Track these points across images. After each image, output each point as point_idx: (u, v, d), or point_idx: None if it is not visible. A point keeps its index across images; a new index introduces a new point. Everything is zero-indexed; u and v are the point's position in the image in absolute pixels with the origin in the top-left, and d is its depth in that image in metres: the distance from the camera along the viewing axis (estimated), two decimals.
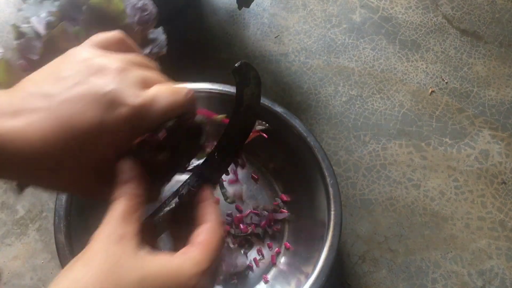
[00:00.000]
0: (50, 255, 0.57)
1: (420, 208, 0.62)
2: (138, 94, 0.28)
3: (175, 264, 0.27)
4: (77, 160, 0.28)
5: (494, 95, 0.71)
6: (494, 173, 0.65)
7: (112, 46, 0.31)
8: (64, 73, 0.28)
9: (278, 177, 0.61)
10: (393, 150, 0.66)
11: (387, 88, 0.71)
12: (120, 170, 0.28)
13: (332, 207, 0.52)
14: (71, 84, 0.27)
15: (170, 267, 0.26)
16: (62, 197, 0.51)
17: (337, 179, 0.54)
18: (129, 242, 0.26)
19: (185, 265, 0.27)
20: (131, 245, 0.26)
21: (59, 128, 0.26)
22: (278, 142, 0.59)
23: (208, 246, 0.28)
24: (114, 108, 0.27)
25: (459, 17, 0.78)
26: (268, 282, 0.55)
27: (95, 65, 0.28)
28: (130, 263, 0.25)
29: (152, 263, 0.26)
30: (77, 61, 0.29)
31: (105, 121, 0.27)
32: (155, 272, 0.25)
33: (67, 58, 0.29)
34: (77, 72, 0.28)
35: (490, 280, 0.59)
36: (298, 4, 0.78)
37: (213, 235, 0.29)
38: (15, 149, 0.26)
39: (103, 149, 0.28)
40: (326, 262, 0.49)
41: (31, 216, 0.60)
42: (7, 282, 0.56)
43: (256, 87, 0.34)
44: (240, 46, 0.73)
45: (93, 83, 0.27)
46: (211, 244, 0.29)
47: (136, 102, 0.28)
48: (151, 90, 0.29)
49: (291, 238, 0.58)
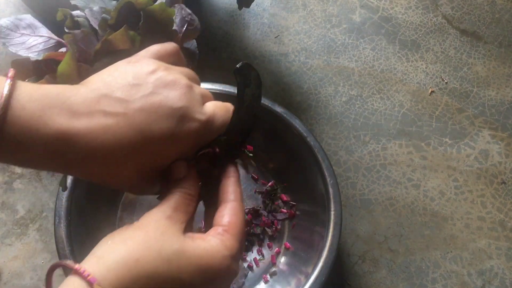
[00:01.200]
0: (50, 255, 0.57)
1: (420, 208, 0.63)
2: (203, 111, 0.31)
3: (209, 246, 0.29)
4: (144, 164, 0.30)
5: (494, 95, 0.71)
6: (494, 173, 0.65)
7: (168, 57, 0.34)
8: (136, 81, 0.30)
9: (278, 177, 0.61)
10: (393, 150, 0.66)
11: (387, 88, 0.71)
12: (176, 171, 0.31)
13: (332, 207, 0.52)
14: (147, 93, 0.30)
15: (205, 248, 0.29)
16: (62, 197, 0.51)
17: (337, 179, 0.54)
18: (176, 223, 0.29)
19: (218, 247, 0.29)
20: (176, 226, 0.29)
21: (136, 134, 0.29)
22: (278, 142, 0.59)
23: (235, 230, 0.31)
24: (186, 122, 0.30)
25: (459, 17, 0.78)
26: (268, 282, 0.55)
27: (167, 78, 0.31)
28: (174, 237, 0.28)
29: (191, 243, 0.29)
30: (146, 72, 0.31)
31: (177, 133, 0.30)
32: (193, 250, 0.28)
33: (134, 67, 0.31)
34: (150, 83, 0.30)
35: (490, 280, 0.59)
36: (298, 4, 0.78)
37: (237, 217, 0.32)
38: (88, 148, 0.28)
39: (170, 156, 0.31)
40: (326, 262, 0.49)
41: (31, 216, 0.60)
42: (7, 282, 0.56)
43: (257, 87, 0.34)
44: (240, 46, 0.73)
45: (166, 96, 0.30)
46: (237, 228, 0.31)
47: (203, 118, 0.31)
48: (210, 107, 0.32)
49: (291, 238, 0.58)
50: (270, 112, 0.56)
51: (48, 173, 0.62)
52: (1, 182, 0.61)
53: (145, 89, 0.30)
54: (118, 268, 0.26)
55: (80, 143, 0.28)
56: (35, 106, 0.27)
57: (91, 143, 0.28)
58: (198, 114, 0.31)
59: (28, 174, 0.62)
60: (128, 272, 0.26)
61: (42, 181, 0.62)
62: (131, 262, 0.26)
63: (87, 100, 0.28)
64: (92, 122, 0.28)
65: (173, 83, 0.31)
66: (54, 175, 0.62)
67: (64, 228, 0.49)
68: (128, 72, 0.31)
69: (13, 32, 0.44)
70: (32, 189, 0.61)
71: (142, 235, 0.28)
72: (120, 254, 0.26)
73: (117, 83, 0.30)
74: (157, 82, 0.30)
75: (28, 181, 0.62)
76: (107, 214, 0.58)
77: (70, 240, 0.49)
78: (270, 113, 0.56)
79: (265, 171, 0.62)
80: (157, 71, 0.31)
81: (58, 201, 0.50)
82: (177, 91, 0.30)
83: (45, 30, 0.46)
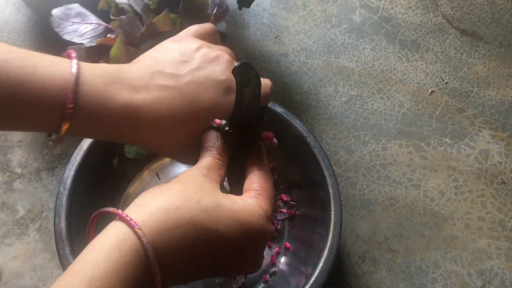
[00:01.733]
0: (50, 255, 0.57)
1: (420, 208, 0.63)
2: None
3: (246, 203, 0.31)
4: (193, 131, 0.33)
5: (494, 95, 0.71)
6: (494, 173, 0.65)
7: (206, 36, 0.37)
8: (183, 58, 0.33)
9: (278, 177, 0.61)
10: (393, 150, 0.66)
11: (387, 88, 0.71)
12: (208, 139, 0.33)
13: (332, 207, 0.52)
14: (194, 68, 0.33)
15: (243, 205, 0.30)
16: (62, 197, 0.51)
17: (337, 179, 0.54)
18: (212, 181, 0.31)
19: (255, 206, 0.31)
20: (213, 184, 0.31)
21: (187, 104, 0.32)
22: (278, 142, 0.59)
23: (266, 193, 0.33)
24: (229, 93, 0.33)
25: (459, 17, 0.78)
26: (268, 282, 0.55)
27: (211, 54, 0.34)
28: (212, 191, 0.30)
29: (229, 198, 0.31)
30: (192, 49, 0.34)
31: (220, 102, 0.33)
32: (230, 205, 0.30)
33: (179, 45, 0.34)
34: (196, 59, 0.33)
35: (490, 280, 0.59)
36: (298, 4, 0.78)
37: (267, 182, 0.34)
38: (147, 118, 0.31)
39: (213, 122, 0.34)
40: (326, 262, 0.49)
41: (31, 216, 0.60)
42: (7, 282, 0.56)
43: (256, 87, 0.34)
44: (240, 46, 0.73)
45: (212, 70, 0.33)
46: (268, 191, 0.33)
47: None
48: None
49: (291, 238, 0.58)
50: (270, 112, 0.56)
51: (48, 173, 0.62)
52: (1, 182, 0.61)
53: (192, 64, 0.33)
54: (159, 215, 0.27)
55: (141, 113, 0.31)
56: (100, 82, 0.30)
57: (150, 114, 0.31)
58: None
59: (28, 174, 0.62)
60: (169, 218, 0.27)
61: (42, 181, 0.62)
62: (172, 209, 0.28)
63: (143, 75, 0.32)
64: (149, 95, 0.31)
65: (216, 58, 0.34)
66: (54, 175, 0.62)
67: (64, 228, 0.49)
68: (175, 49, 0.34)
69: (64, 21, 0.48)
70: (32, 189, 0.61)
71: (181, 187, 0.29)
72: (161, 202, 0.28)
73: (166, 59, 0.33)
74: (202, 58, 0.33)
75: (28, 181, 0.62)
76: None
77: (70, 240, 0.49)
78: (270, 113, 0.56)
79: None
80: (201, 48, 0.34)
81: (58, 201, 0.50)
82: (220, 65, 0.34)
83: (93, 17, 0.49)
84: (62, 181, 0.50)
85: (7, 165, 0.62)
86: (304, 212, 0.58)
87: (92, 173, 0.53)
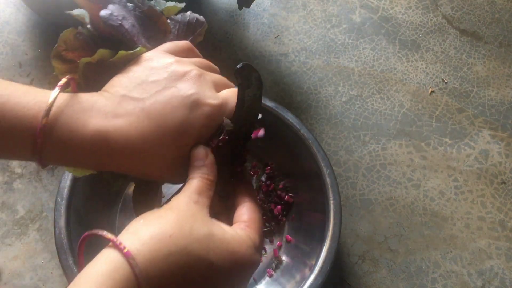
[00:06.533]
0: (50, 255, 0.57)
1: (420, 208, 0.63)
2: (215, 96, 0.34)
3: (236, 234, 0.31)
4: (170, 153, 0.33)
5: (493, 95, 0.71)
6: (494, 173, 0.65)
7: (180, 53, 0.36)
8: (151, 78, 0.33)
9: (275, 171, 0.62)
10: (393, 150, 0.66)
11: (387, 88, 0.71)
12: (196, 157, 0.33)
13: (331, 196, 0.52)
14: (160, 89, 0.32)
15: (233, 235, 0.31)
16: (62, 197, 0.51)
17: (336, 178, 0.54)
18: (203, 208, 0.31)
19: (244, 237, 0.31)
20: (204, 210, 0.31)
21: (155, 126, 0.31)
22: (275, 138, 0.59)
23: (255, 225, 0.33)
24: (198, 107, 0.33)
25: (459, 17, 0.78)
26: (272, 276, 0.56)
27: (179, 71, 0.33)
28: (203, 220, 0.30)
29: (220, 227, 0.31)
30: (160, 67, 0.34)
31: (191, 118, 0.32)
32: (221, 234, 0.30)
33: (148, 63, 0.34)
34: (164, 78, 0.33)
35: (490, 280, 0.59)
36: (298, 4, 0.78)
37: (256, 214, 0.34)
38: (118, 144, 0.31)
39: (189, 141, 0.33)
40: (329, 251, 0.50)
41: (31, 216, 0.60)
42: (7, 282, 0.56)
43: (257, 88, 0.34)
44: (240, 46, 0.73)
45: (179, 87, 0.33)
46: (257, 223, 0.33)
47: (215, 102, 0.33)
48: (223, 92, 0.35)
49: (291, 230, 0.59)
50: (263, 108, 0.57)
51: (48, 173, 0.62)
52: (1, 182, 0.61)
53: (159, 84, 0.33)
54: (153, 243, 0.27)
55: (111, 139, 0.31)
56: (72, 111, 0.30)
57: (120, 139, 0.31)
58: (210, 99, 0.33)
59: (28, 174, 0.62)
60: (162, 247, 0.27)
61: (42, 181, 0.62)
62: (165, 237, 0.28)
63: (111, 102, 0.32)
64: (119, 121, 0.31)
65: (184, 74, 0.33)
66: (54, 175, 0.62)
67: (64, 228, 0.49)
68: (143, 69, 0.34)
69: None
70: (32, 189, 0.61)
71: (174, 215, 0.29)
72: (155, 230, 0.28)
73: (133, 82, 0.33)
74: (169, 76, 0.33)
75: (28, 181, 0.62)
76: (107, 215, 0.58)
77: (70, 240, 0.49)
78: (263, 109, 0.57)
79: (264, 168, 0.62)
80: (171, 66, 0.34)
81: (56, 212, 0.50)
82: (188, 81, 0.33)
83: None
84: (59, 191, 0.51)
85: (7, 165, 0.62)
86: (303, 203, 0.59)
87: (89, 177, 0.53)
